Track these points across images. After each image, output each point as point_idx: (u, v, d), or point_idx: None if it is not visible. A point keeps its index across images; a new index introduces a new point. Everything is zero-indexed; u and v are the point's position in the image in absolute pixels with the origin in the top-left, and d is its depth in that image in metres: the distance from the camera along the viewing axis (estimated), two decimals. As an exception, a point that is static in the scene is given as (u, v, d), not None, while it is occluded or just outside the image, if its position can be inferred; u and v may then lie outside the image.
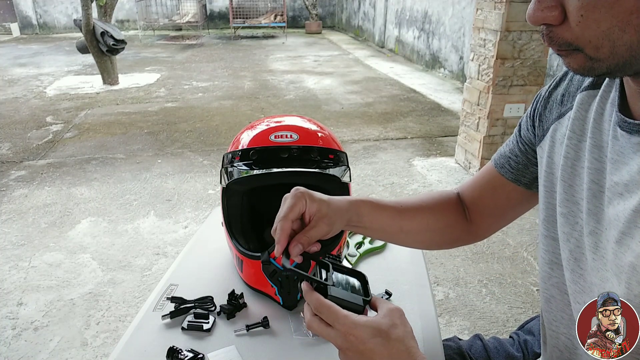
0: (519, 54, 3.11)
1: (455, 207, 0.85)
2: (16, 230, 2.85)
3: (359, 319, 0.57)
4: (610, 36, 0.46)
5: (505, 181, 0.78)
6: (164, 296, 0.94)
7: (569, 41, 0.48)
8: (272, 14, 11.60)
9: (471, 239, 0.87)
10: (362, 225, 0.75)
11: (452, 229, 0.84)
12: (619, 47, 0.46)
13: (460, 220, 0.84)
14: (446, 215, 0.83)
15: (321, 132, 0.97)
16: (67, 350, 1.94)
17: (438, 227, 0.83)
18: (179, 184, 3.45)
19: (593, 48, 0.47)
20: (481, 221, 0.84)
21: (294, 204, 0.66)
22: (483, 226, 0.84)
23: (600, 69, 0.49)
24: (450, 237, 0.85)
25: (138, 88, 6.34)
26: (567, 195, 0.62)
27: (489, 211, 0.82)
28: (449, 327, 2.06)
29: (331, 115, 5.09)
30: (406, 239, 0.82)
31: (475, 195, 0.84)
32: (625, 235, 0.51)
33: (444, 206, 0.84)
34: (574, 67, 0.51)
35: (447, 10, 6.81)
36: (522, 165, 0.76)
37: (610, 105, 0.58)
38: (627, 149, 0.54)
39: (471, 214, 0.84)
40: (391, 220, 0.78)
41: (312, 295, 0.59)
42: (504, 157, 0.78)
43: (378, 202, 0.78)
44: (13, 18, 11.84)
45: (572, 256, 0.61)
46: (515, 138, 0.77)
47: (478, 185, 0.83)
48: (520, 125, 0.77)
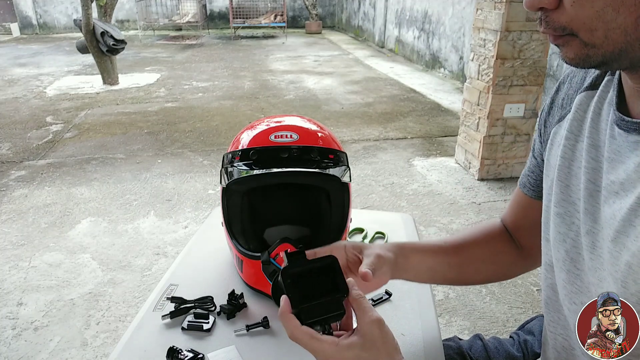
0: (519, 54, 3.11)
1: (500, 234, 0.84)
2: (16, 230, 2.85)
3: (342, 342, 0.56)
4: (604, 17, 0.46)
5: (531, 200, 0.78)
6: (164, 296, 0.94)
7: (564, 25, 0.49)
8: (272, 14, 11.60)
9: (529, 263, 0.85)
10: (410, 267, 0.75)
11: (503, 255, 0.83)
12: (613, 30, 0.46)
13: (508, 246, 0.83)
14: (492, 244, 0.83)
15: (321, 132, 0.97)
16: (67, 350, 1.94)
17: (486, 256, 0.82)
18: (179, 184, 3.45)
19: (587, 31, 0.47)
20: (528, 243, 0.82)
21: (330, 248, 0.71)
22: (533, 247, 0.82)
23: (595, 57, 0.49)
24: (503, 265, 0.84)
25: (138, 88, 6.34)
26: (563, 195, 0.62)
27: (529, 231, 0.81)
28: (449, 327, 2.06)
29: (331, 115, 5.09)
30: (457, 275, 0.82)
31: (512, 219, 0.84)
32: (621, 234, 0.51)
33: (488, 235, 0.84)
34: (570, 56, 0.50)
35: (447, 10, 6.81)
36: (540, 181, 0.75)
37: (607, 105, 0.58)
38: (624, 148, 0.54)
39: (517, 239, 0.84)
40: (436, 258, 0.78)
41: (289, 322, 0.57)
42: (524, 177, 0.79)
43: (417, 244, 0.80)
44: (13, 18, 11.84)
45: (569, 256, 0.60)
46: (531, 154, 0.78)
47: (512, 209, 0.84)
48: (534, 141, 0.77)
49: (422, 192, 3.30)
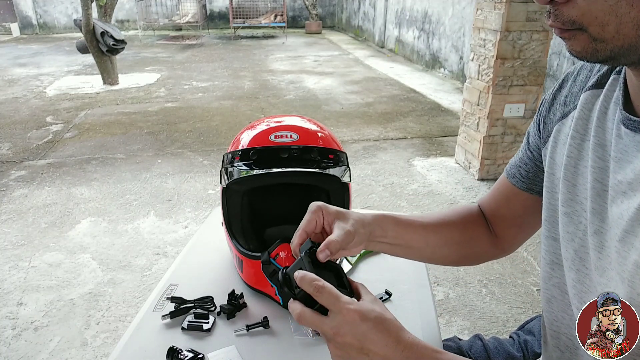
0: (519, 54, 3.11)
1: (477, 219, 0.84)
2: (16, 230, 2.85)
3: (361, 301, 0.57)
4: (618, 11, 0.45)
5: (518, 191, 0.78)
6: (164, 296, 0.94)
7: (574, 19, 0.48)
8: (272, 14, 11.60)
9: (498, 252, 0.85)
10: (387, 240, 0.74)
11: (478, 241, 0.83)
12: (625, 24, 0.45)
13: (484, 232, 0.84)
14: (470, 228, 0.83)
15: (321, 132, 0.97)
16: (67, 350, 1.94)
17: (464, 239, 0.82)
18: (179, 184, 3.45)
19: (599, 25, 0.47)
20: (504, 233, 0.83)
21: (310, 218, 0.68)
22: (507, 238, 0.83)
23: (603, 51, 0.48)
24: (477, 251, 0.84)
25: (138, 88, 6.34)
26: (570, 194, 0.62)
27: (508, 222, 0.81)
28: (449, 327, 2.06)
29: (331, 115, 5.09)
30: (433, 254, 0.81)
31: (492, 207, 0.83)
32: (629, 233, 0.51)
33: (467, 219, 0.84)
34: (577, 49, 0.50)
35: (447, 10, 6.81)
36: (532, 174, 0.75)
37: (614, 104, 0.58)
38: (631, 147, 0.54)
39: (493, 227, 0.84)
40: (417, 234, 0.77)
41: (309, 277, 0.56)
42: (514, 167, 0.79)
43: (401, 217, 0.78)
44: (13, 18, 11.84)
45: (578, 256, 0.60)
46: (524, 146, 0.77)
47: (494, 197, 0.83)
48: (528, 133, 0.77)
49: (422, 192, 3.30)
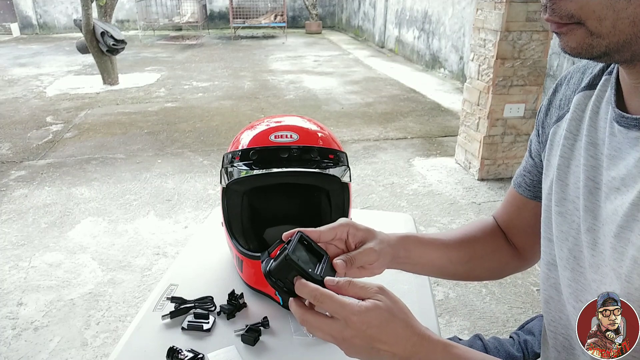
0: (519, 54, 3.11)
1: (496, 232, 0.84)
2: (16, 230, 2.85)
3: (364, 303, 0.54)
4: (615, 6, 0.45)
5: (526, 200, 0.78)
6: (164, 296, 0.94)
7: (572, 12, 0.48)
8: (272, 14, 11.60)
9: (521, 263, 0.85)
10: (410, 260, 0.75)
11: (499, 253, 0.83)
12: (622, 20, 0.46)
13: (504, 244, 0.83)
14: (491, 241, 0.83)
15: (321, 132, 0.97)
16: (67, 350, 1.94)
17: (486, 252, 0.82)
18: (179, 184, 3.45)
19: (596, 20, 0.47)
20: (522, 243, 0.83)
21: (333, 227, 0.67)
22: (526, 247, 0.83)
23: (599, 47, 0.48)
24: (500, 263, 0.84)
25: (138, 88, 6.33)
26: (563, 194, 0.63)
27: (523, 231, 0.81)
28: (449, 327, 2.06)
29: (331, 115, 5.09)
30: (455, 270, 0.81)
31: (505, 218, 0.84)
32: (624, 229, 0.51)
33: (486, 232, 0.84)
34: (572, 45, 0.50)
35: (447, 10, 6.81)
36: (537, 181, 0.75)
37: (605, 104, 0.59)
38: (624, 144, 0.54)
39: (510, 238, 0.84)
40: (439, 252, 0.78)
41: (309, 287, 0.55)
42: (519, 176, 0.79)
43: (424, 237, 0.78)
44: (13, 18, 11.83)
45: (572, 255, 0.61)
46: (527, 155, 0.78)
47: (505, 208, 0.84)
48: (530, 141, 0.77)
49: (422, 192, 3.30)
